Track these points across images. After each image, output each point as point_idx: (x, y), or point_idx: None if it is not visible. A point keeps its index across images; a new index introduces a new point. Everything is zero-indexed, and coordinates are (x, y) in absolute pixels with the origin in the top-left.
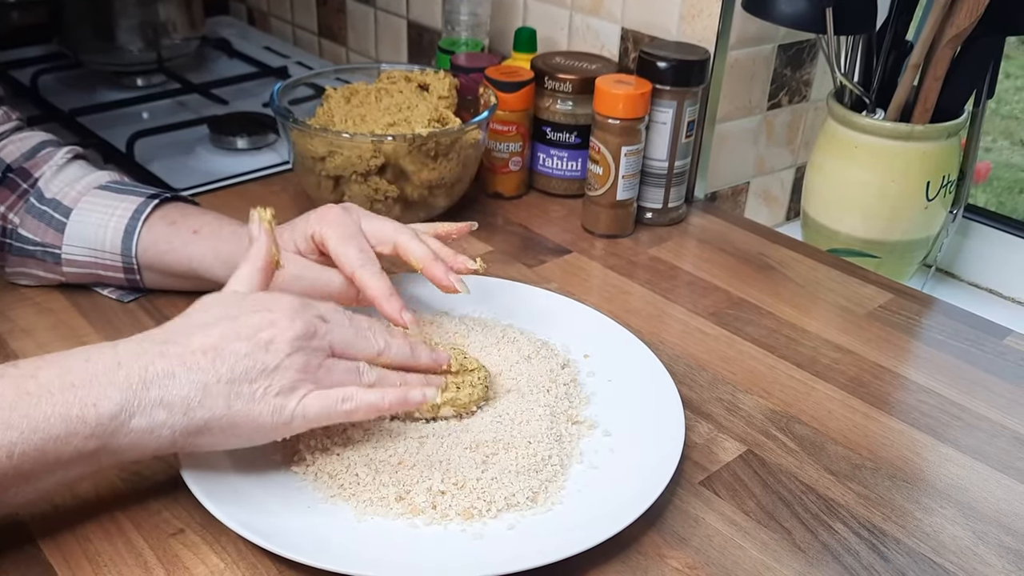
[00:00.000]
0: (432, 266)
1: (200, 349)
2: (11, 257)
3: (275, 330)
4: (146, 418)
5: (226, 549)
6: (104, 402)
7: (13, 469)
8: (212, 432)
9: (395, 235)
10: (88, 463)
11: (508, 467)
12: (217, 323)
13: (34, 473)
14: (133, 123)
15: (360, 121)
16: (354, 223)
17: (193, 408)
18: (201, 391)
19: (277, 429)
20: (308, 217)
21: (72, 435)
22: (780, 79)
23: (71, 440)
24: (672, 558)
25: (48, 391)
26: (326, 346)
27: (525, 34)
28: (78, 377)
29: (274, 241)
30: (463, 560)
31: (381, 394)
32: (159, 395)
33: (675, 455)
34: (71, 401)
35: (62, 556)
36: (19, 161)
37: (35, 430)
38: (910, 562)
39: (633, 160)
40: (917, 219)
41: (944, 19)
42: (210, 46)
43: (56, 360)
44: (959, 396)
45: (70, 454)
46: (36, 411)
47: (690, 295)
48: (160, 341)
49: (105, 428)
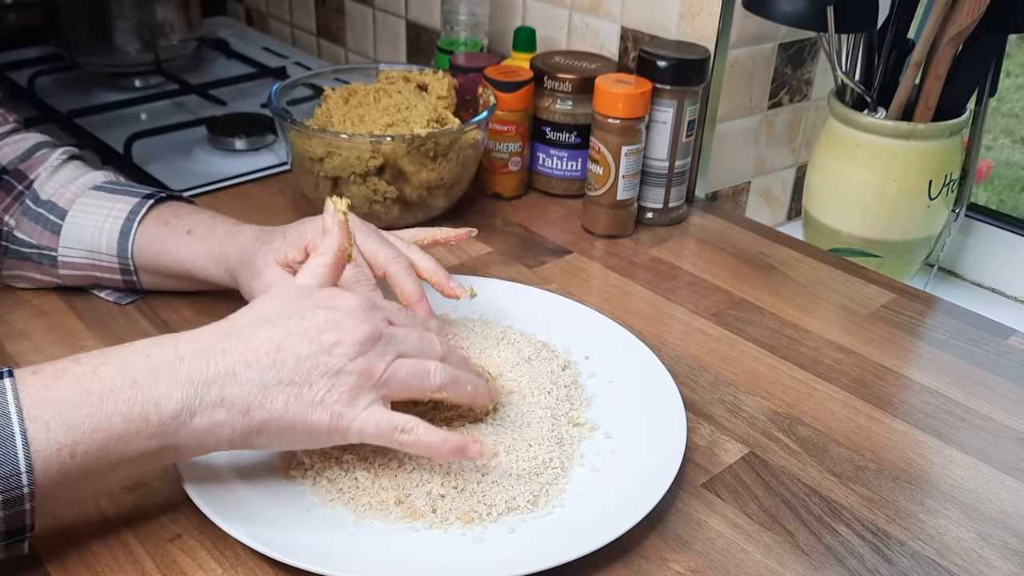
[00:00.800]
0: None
1: (263, 347)
2: (7, 260)
3: (340, 332)
4: (207, 417)
5: (224, 554)
6: (166, 401)
7: (77, 468)
8: (269, 433)
9: (387, 263)
10: (151, 461)
11: (508, 470)
12: (281, 319)
13: (98, 471)
14: (131, 124)
15: (359, 122)
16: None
17: (253, 409)
18: (261, 391)
19: (333, 436)
20: (303, 226)
21: (134, 434)
22: (781, 78)
23: (133, 439)
24: (674, 561)
25: (110, 389)
26: (392, 351)
27: (524, 34)
28: (140, 372)
29: (348, 234)
30: (463, 564)
31: (442, 439)
32: (219, 394)
33: (677, 457)
34: (134, 399)
35: (59, 562)
36: (14, 163)
37: (96, 429)
38: (914, 564)
39: (633, 160)
40: (919, 218)
41: (946, 17)
42: (208, 47)
43: (118, 355)
44: (963, 397)
45: (132, 453)
46: (98, 411)
47: (691, 295)
48: (224, 336)
49: (167, 427)
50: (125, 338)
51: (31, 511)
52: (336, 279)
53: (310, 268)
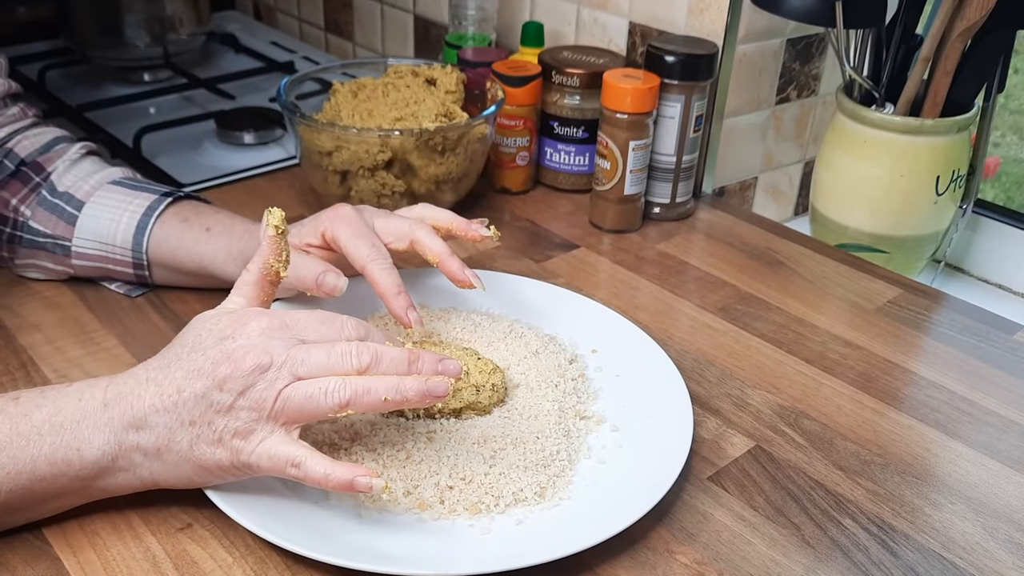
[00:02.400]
0: (448, 261)
1: (168, 389)
2: (21, 249)
3: (231, 365)
4: (125, 460)
5: (234, 543)
6: (87, 447)
7: (2, 504)
8: (183, 474)
9: (411, 231)
10: (77, 497)
11: (516, 462)
12: (187, 355)
13: (24, 506)
14: (140, 118)
15: (367, 116)
16: (366, 222)
17: (163, 452)
18: (168, 435)
19: (238, 471)
20: (320, 215)
21: (58, 476)
22: (789, 73)
23: (58, 480)
24: (680, 554)
25: (38, 433)
26: (285, 376)
27: (532, 28)
28: (68, 418)
29: (276, 251)
30: (470, 555)
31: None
32: (135, 440)
33: (683, 450)
34: (57, 444)
35: (71, 550)
36: (33, 155)
37: (21, 472)
38: (920, 558)
39: (641, 155)
40: (926, 214)
41: (954, 12)
42: (216, 41)
43: (55, 398)
44: (969, 392)
45: (57, 491)
46: (23, 453)
47: (698, 290)
48: (143, 380)
49: (89, 471)
50: (135, 330)
51: None
52: (265, 297)
53: (236, 287)
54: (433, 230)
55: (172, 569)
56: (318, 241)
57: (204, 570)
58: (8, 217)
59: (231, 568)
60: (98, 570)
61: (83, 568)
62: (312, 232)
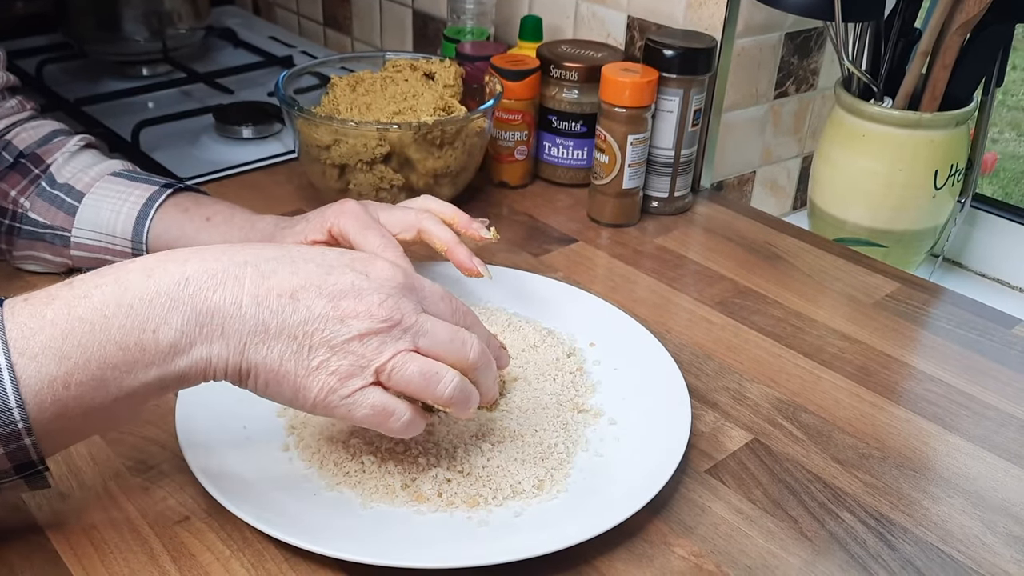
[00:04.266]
0: (456, 249)
1: (277, 288)
2: (19, 241)
3: (360, 303)
4: (205, 349)
5: (232, 536)
6: (164, 328)
7: (74, 400)
8: (258, 379)
9: (418, 221)
10: (152, 390)
11: (514, 455)
12: (306, 266)
13: (97, 403)
14: (138, 112)
15: (365, 110)
16: (372, 216)
17: (248, 348)
18: (261, 333)
19: (317, 408)
20: (324, 211)
21: (132, 363)
22: (787, 67)
23: (131, 369)
24: (678, 546)
25: (103, 315)
26: (408, 341)
27: (531, 22)
28: (137, 298)
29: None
30: (468, 548)
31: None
32: (220, 325)
33: (681, 444)
34: (128, 326)
35: (69, 545)
36: (32, 147)
37: (90, 360)
38: (917, 551)
39: (639, 149)
40: (925, 208)
41: (953, 6)
42: (215, 36)
43: (116, 275)
44: (967, 385)
45: (131, 382)
46: (90, 339)
47: (696, 284)
48: (240, 262)
49: (165, 356)
50: None
51: (33, 446)
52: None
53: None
54: (439, 219)
55: (170, 562)
56: (323, 237)
57: (202, 563)
58: (7, 209)
59: (228, 560)
60: (96, 564)
61: (81, 562)
62: (318, 228)
